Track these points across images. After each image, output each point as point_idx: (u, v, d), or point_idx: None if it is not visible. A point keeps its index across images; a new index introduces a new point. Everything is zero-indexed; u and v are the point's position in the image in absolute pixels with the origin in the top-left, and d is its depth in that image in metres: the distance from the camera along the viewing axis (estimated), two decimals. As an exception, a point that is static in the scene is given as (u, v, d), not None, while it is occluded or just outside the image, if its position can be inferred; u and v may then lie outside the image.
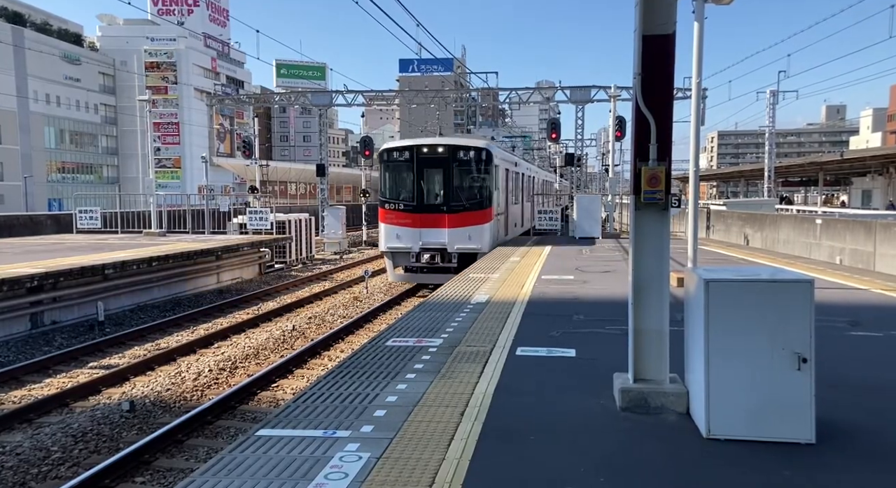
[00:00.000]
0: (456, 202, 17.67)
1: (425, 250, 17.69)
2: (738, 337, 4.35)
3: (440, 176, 17.90)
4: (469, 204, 17.72)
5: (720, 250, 18.85)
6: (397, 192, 18.24)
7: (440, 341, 7.29)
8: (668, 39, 4.91)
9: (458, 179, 17.99)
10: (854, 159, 40.76)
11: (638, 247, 5.04)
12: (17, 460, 7.22)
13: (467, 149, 17.93)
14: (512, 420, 4.84)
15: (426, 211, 17.69)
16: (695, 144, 10.62)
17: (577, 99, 30.57)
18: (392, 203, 18.06)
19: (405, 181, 18.10)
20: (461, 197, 17.79)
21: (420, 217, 17.68)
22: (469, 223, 17.54)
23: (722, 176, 76.88)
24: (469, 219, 17.56)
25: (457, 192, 17.79)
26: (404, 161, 17.96)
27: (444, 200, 17.78)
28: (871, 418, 4.87)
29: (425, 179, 17.91)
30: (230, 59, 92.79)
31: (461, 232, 17.52)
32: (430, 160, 17.82)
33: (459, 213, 17.58)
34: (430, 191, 17.99)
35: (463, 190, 17.95)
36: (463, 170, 17.94)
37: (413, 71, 70.31)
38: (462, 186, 18.00)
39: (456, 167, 17.76)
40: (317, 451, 4.23)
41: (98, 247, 18.94)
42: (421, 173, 17.85)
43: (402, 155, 18.02)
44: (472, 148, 17.95)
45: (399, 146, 18.50)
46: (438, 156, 17.81)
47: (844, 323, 8.17)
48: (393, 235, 17.89)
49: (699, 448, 4.32)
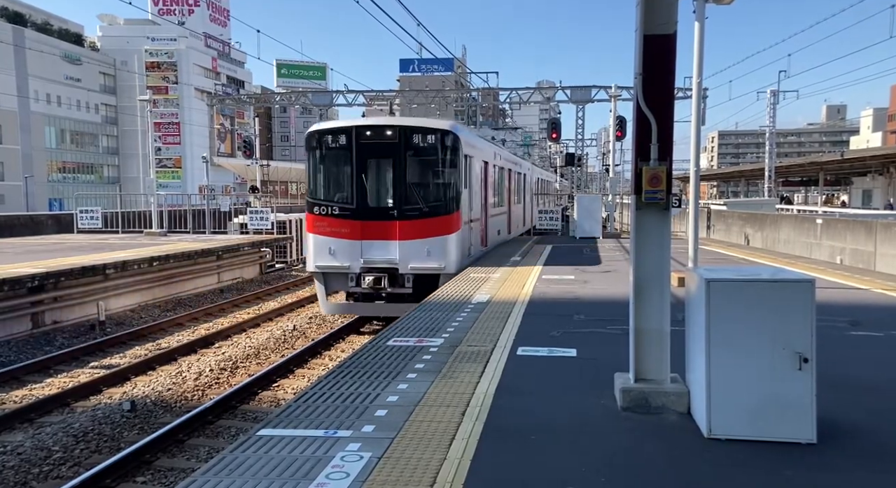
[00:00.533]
0: (410, 205, 13.18)
1: (369, 271, 13.16)
2: (739, 336, 4.35)
3: (389, 169, 13.40)
4: (428, 207, 13.21)
5: (721, 250, 18.84)
6: (331, 192, 13.77)
7: (441, 341, 7.29)
8: (670, 39, 4.91)
9: (414, 173, 13.55)
10: (854, 159, 40.77)
11: (639, 246, 5.04)
12: (19, 460, 7.23)
13: (425, 132, 13.38)
14: (513, 420, 4.84)
15: (370, 217, 13.23)
16: (695, 144, 10.63)
17: (578, 99, 30.56)
18: (324, 206, 13.51)
19: (341, 176, 13.64)
20: (417, 197, 13.27)
21: (362, 225, 13.19)
22: (428, 233, 13.11)
23: (722, 175, 76.88)
24: (428, 227, 13.14)
25: (412, 191, 13.30)
26: (340, 148, 13.47)
27: (394, 202, 13.27)
28: (873, 418, 4.87)
29: (369, 173, 13.43)
30: (231, 59, 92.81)
31: (417, 245, 13.10)
32: (375, 147, 13.34)
33: (415, 220, 13.13)
34: (376, 190, 13.58)
35: (420, 188, 13.46)
36: (420, 162, 13.57)
37: (413, 71, 70.26)
38: (419, 183, 13.56)
39: (410, 157, 13.34)
40: (318, 451, 4.23)
41: (99, 247, 18.95)
42: (363, 165, 13.30)
43: (337, 140, 13.51)
44: (431, 130, 13.40)
45: (333, 128, 13.77)
46: (386, 141, 13.28)
47: (845, 323, 8.17)
48: (324, 250, 13.33)
49: (700, 448, 4.32)
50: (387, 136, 13.33)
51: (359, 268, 13.18)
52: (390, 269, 13.13)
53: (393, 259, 13.12)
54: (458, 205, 13.53)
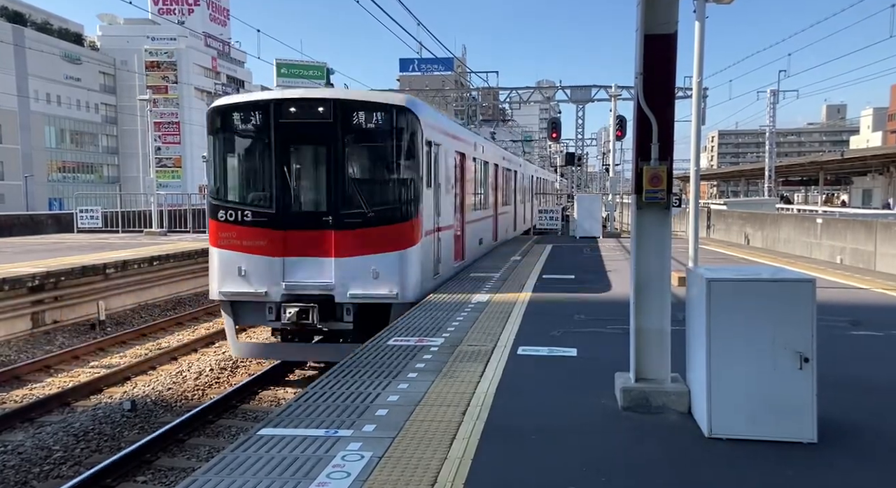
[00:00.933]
0: (352, 208, 9.80)
1: (293, 299, 9.68)
2: (740, 336, 4.35)
3: (322, 159, 10.02)
4: (376, 212, 9.80)
5: (721, 249, 18.85)
6: (242, 191, 10.40)
7: (441, 340, 7.29)
8: (670, 39, 4.91)
9: (357, 166, 10.30)
10: (854, 159, 40.80)
11: (640, 246, 5.04)
12: (19, 459, 7.23)
13: (372, 108, 9.89)
14: (514, 419, 4.84)
15: (296, 225, 9.85)
16: (695, 144, 10.64)
17: (578, 98, 30.58)
18: (232, 210, 10.00)
19: (256, 169, 10.23)
20: (361, 199, 9.83)
21: (284, 237, 9.79)
22: (376, 248, 9.77)
23: (722, 175, 76.89)
24: (376, 239, 9.78)
25: (353, 190, 9.92)
26: (254, 131, 10.06)
27: (329, 206, 9.87)
28: (873, 418, 4.88)
29: (294, 166, 10.12)
30: (231, 59, 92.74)
31: (361, 264, 9.71)
32: (302, 130, 10.00)
33: (358, 230, 9.75)
34: (304, 189, 10.28)
35: (365, 186, 10.16)
36: (366, 150, 10.28)
37: (413, 70, 70.17)
38: (364, 179, 10.36)
39: (352, 143, 9.97)
40: (319, 450, 4.23)
41: (99, 247, 18.95)
42: (285, 154, 9.97)
43: (250, 119, 10.05)
44: (379, 106, 9.92)
45: (243, 102, 10.26)
46: (318, 121, 9.89)
47: (845, 322, 8.18)
48: (232, 271, 9.85)
49: (701, 447, 4.32)
50: (319, 115, 9.85)
51: (279, 295, 9.70)
52: (323, 297, 9.66)
53: (327, 283, 9.67)
54: (418, 210, 10.05)
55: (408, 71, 71.16)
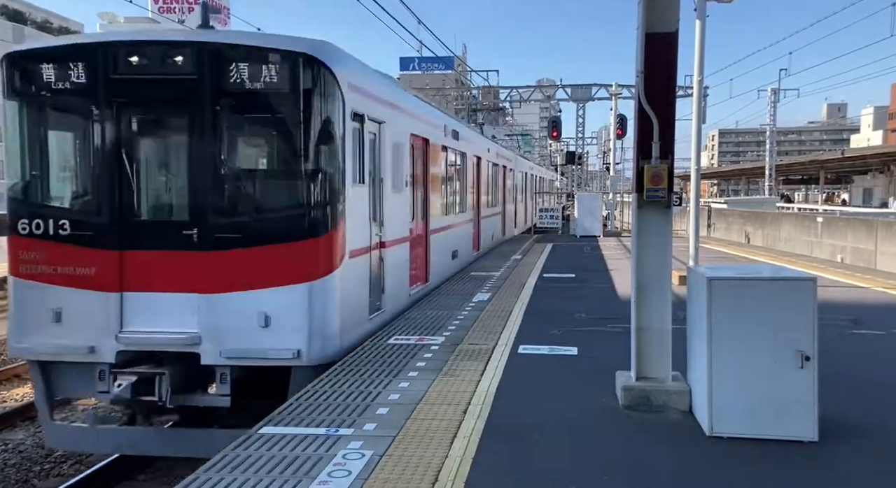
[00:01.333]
0: (227, 217, 6.36)
1: (135, 359, 6.32)
2: (741, 335, 4.35)
3: (182, 139, 6.52)
4: (267, 222, 6.38)
5: (721, 248, 18.85)
6: (56, 187, 6.83)
7: (442, 339, 7.29)
8: (671, 37, 4.92)
9: (235, 148, 6.75)
10: (855, 157, 40.82)
11: (640, 245, 5.04)
12: (20, 457, 7.24)
13: (258, 58, 6.20)
14: (514, 418, 4.85)
15: (139, 242, 6.39)
16: (696, 142, 10.64)
17: (578, 97, 30.59)
18: (40, 217, 6.48)
19: (78, 154, 6.73)
20: (243, 202, 6.52)
21: (121, 260, 6.35)
22: (267, 278, 6.27)
23: (723, 174, 76.88)
24: (267, 265, 6.27)
25: (230, 188, 6.53)
26: (73, 92, 6.42)
27: (191, 211, 6.39)
28: (874, 416, 4.88)
29: (137, 148, 6.66)
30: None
31: (242, 303, 6.24)
32: (148, 91, 6.43)
33: (239, 250, 6.27)
34: (155, 184, 6.89)
35: (249, 180, 6.73)
36: (247, 124, 6.86)
37: (413, 69, 70.18)
38: (247, 170, 6.93)
39: (227, 113, 6.41)
40: (320, 449, 4.24)
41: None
42: (122, 130, 6.49)
43: (67, 75, 6.38)
44: (270, 54, 6.19)
45: (56, 47, 6.58)
46: (173, 77, 6.31)
47: (846, 321, 8.18)
48: (42, 312, 6.40)
49: (702, 446, 4.32)
50: (174, 67, 6.29)
51: (113, 353, 6.28)
52: (182, 356, 6.27)
53: (188, 334, 6.25)
54: (337, 218, 6.53)
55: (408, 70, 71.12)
